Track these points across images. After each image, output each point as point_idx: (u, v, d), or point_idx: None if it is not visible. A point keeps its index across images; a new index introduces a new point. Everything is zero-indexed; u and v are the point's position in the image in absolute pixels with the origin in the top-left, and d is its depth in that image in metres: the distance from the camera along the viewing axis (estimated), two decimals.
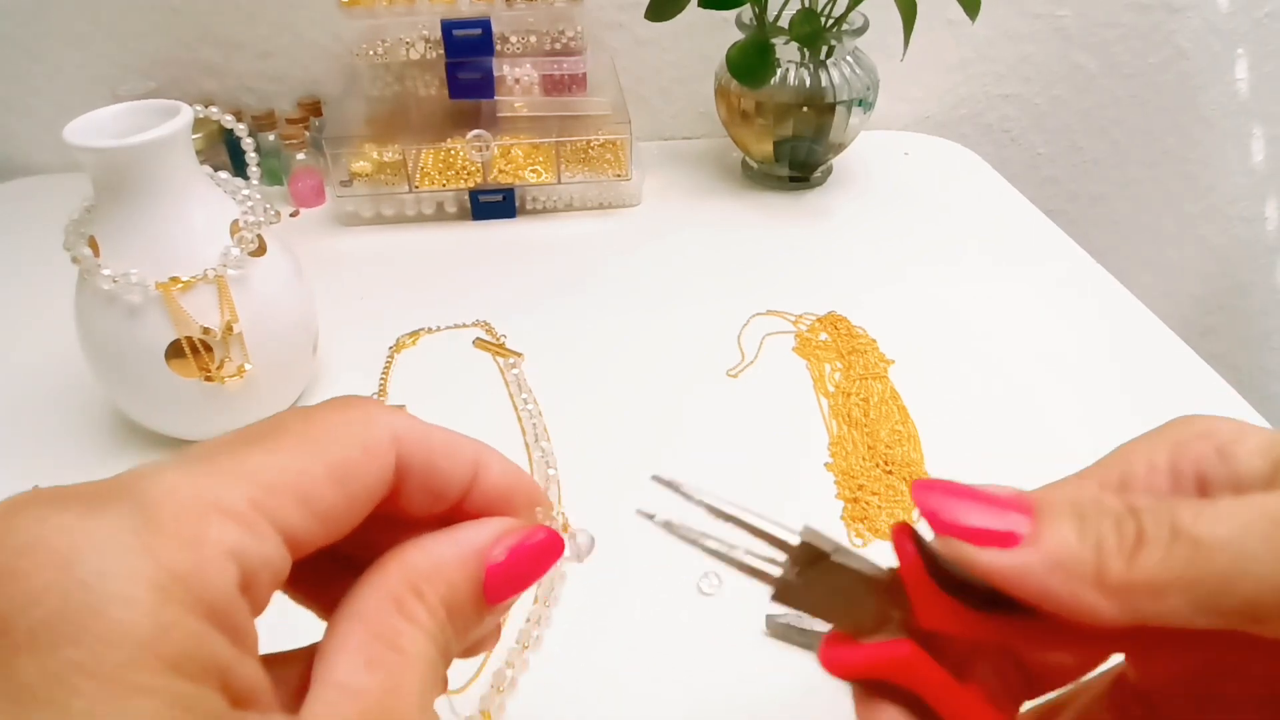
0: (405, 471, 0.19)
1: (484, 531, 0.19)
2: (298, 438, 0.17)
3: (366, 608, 0.17)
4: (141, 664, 0.13)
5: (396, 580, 0.18)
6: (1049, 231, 0.66)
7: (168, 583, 0.13)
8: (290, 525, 0.16)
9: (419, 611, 0.17)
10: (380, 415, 0.19)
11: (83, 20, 0.71)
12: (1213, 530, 0.15)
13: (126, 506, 0.14)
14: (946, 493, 0.17)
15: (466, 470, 0.20)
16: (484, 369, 0.52)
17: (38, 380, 0.50)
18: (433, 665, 0.17)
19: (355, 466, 0.17)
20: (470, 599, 0.19)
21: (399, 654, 0.17)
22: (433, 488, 0.19)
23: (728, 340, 0.54)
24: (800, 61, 0.65)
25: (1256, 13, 0.81)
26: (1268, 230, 0.94)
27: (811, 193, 0.71)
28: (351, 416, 0.18)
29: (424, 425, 0.19)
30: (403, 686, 0.16)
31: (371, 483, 0.18)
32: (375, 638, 0.17)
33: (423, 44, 0.63)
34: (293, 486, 0.16)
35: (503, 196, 0.66)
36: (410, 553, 0.18)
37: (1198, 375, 0.51)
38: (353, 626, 0.17)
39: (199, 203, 0.41)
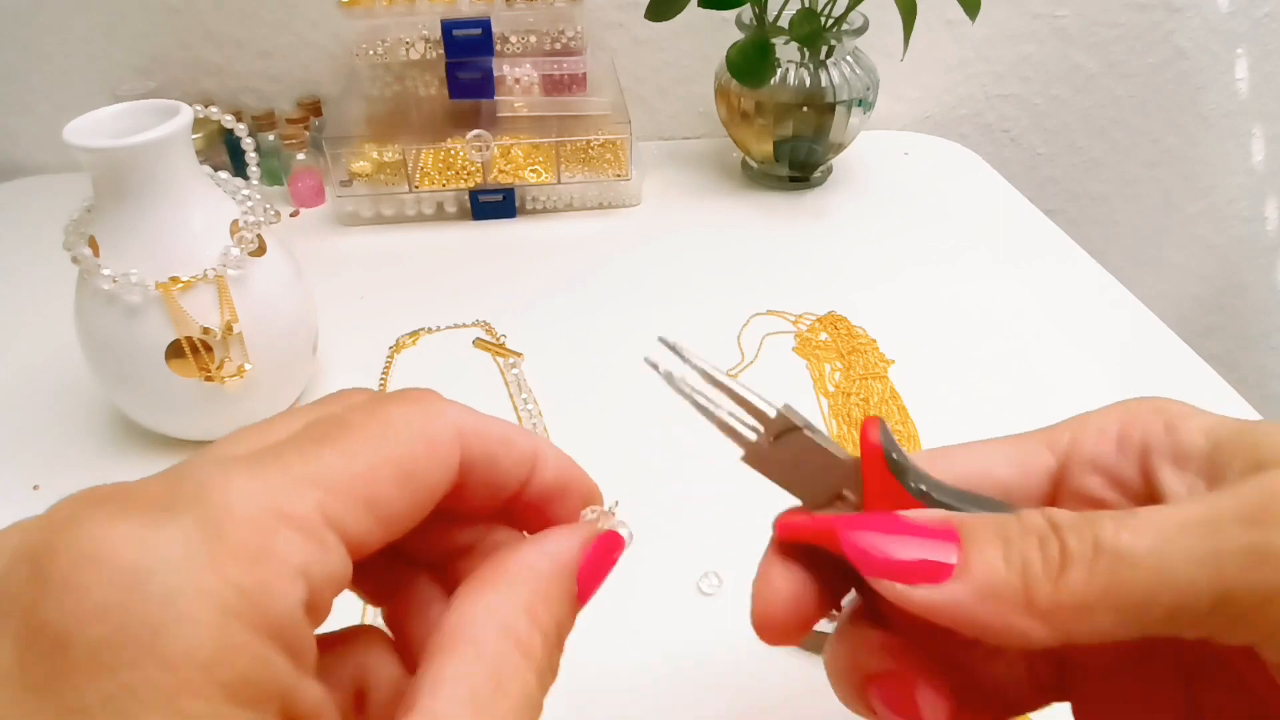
0: (469, 467, 0.18)
1: (572, 543, 0.19)
2: (364, 436, 0.16)
3: (483, 636, 0.16)
4: (200, 690, 0.12)
5: (511, 606, 0.17)
6: (1048, 231, 0.66)
7: (234, 602, 0.13)
8: (355, 531, 0.15)
9: (535, 643, 0.17)
10: (444, 411, 0.18)
11: (83, 20, 0.71)
12: (1134, 543, 0.15)
13: (194, 516, 0.13)
14: (874, 528, 0.18)
15: (525, 464, 0.20)
16: (484, 369, 0.52)
17: (38, 380, 0.50)
18: (532, 705, 0.16)
19: (420, 464, 0.17)
20: (570, 616, 0.18)
21: (505, 698, 0.16)
22: (493, 482, 0.19)
23: (728, 340, 0.54)
24: (800, 61, 0.65)
25: (1256, 13, 0.81)
26: (1268, 230, 0.95)
27: (811, 193, 0.71)
28: (414, 411, 0.18)
29: (483, 418, 0.19)
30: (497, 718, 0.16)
31: (435, 480, 0.17)
32: (487, 675, 0.16)
33: (422, 44, 0.63)
34: (360, 491, 0.16)
35: (503, 196, 0.66)
36: (514, 568, 0.18)
37: (1197, 375, 0.51)
38: (465, 653, 0.16)
39: (199, 203, 0.41)
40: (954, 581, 0.16)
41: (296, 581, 0.14)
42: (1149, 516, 0.16)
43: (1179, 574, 0.15)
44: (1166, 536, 0.15)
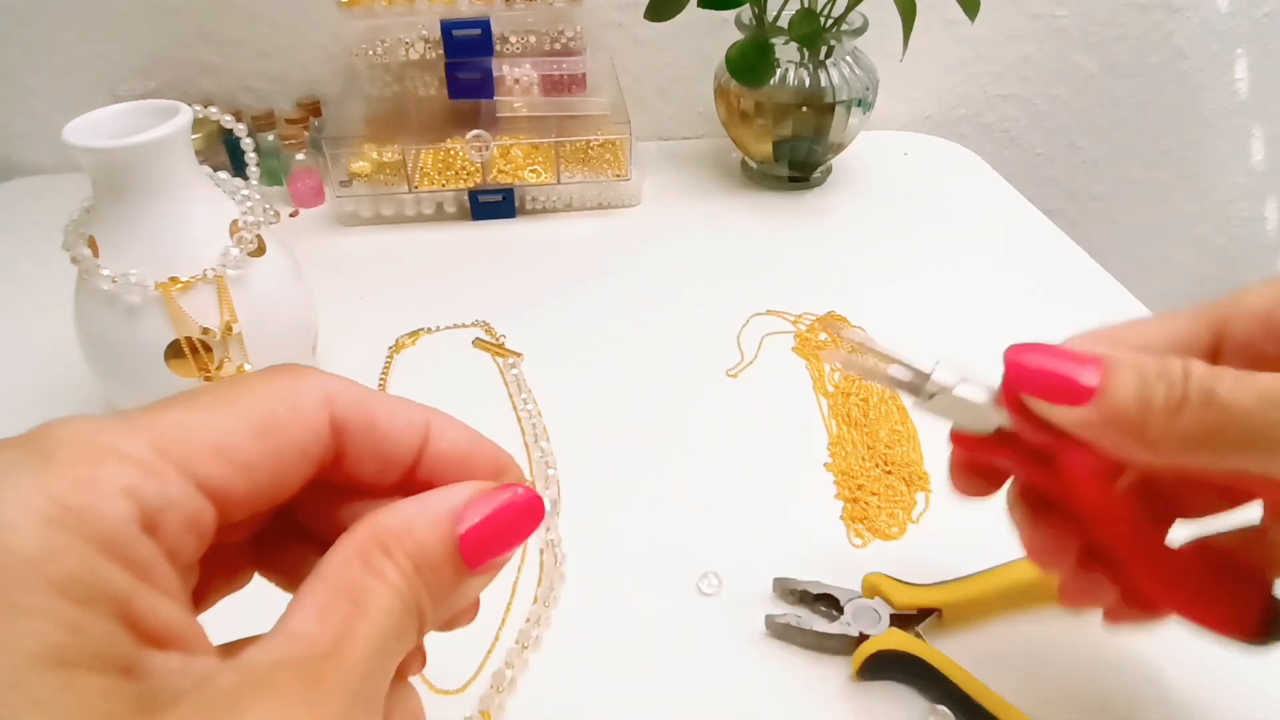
0: (343, 432, 0.19)
1: (455, 494, 0.19)
2: (217, 397, 0.17)
3: (330, 565, 0.17)
4: (28, 586, 0.13)
5: (363, 538, 0.18)
6: (1048, 231, 0.66)
7: (58, 513, 0.14)
8: (208, 475, 0.16)
9: (385, 567, 0.17)
10: (310, 377, 0.19)
11: (83, 20, 0.71)
12: (1240, 399, 0.19)
13: (26, 447, 0.15)
14: (1034, 350, 0.22)
15: (414, 434, 0.20)
16: (484, 369, 0.52)
17: (37, 380, 0.50)
18: (395, 620, 0.17)
19: (279, 422, 0.18)
20: (445, 560, 0.18)
21: (355, 606, 0.16)
22: (378, 452, 0.19)
23: (727, 340, 0.54)
24: (800, 61, 0.65)
25: (1256, 13, 0.81)
26: (1267, 230, 0.95)
27: (811, 193, 0.71)
28: (278, 379, 0.18)
29: (364, 389, 0.20)
30: (354, 636, 0.16)
31: (301, 439, 0.18)
32: (333, 591, 0.17)
33: (422, 44, 0.63)
34: (208, 439, 0.16)
35: (502, 196, 0.66)
36: (379, 514, 0.18)
37: None
38: (314, 583, 0.17)
39: (198, 203, 0.41)
40: (1088, 407, 0.20)
41: (122, 500, 0.15)
42: (1257, 380, 0.19)
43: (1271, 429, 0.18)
44: (1265, 396, 0.18)
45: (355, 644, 0.16)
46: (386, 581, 0.17)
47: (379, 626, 0.16)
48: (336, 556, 0.17)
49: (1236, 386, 0.19)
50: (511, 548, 0.20)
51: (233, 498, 0.17)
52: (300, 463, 0.18)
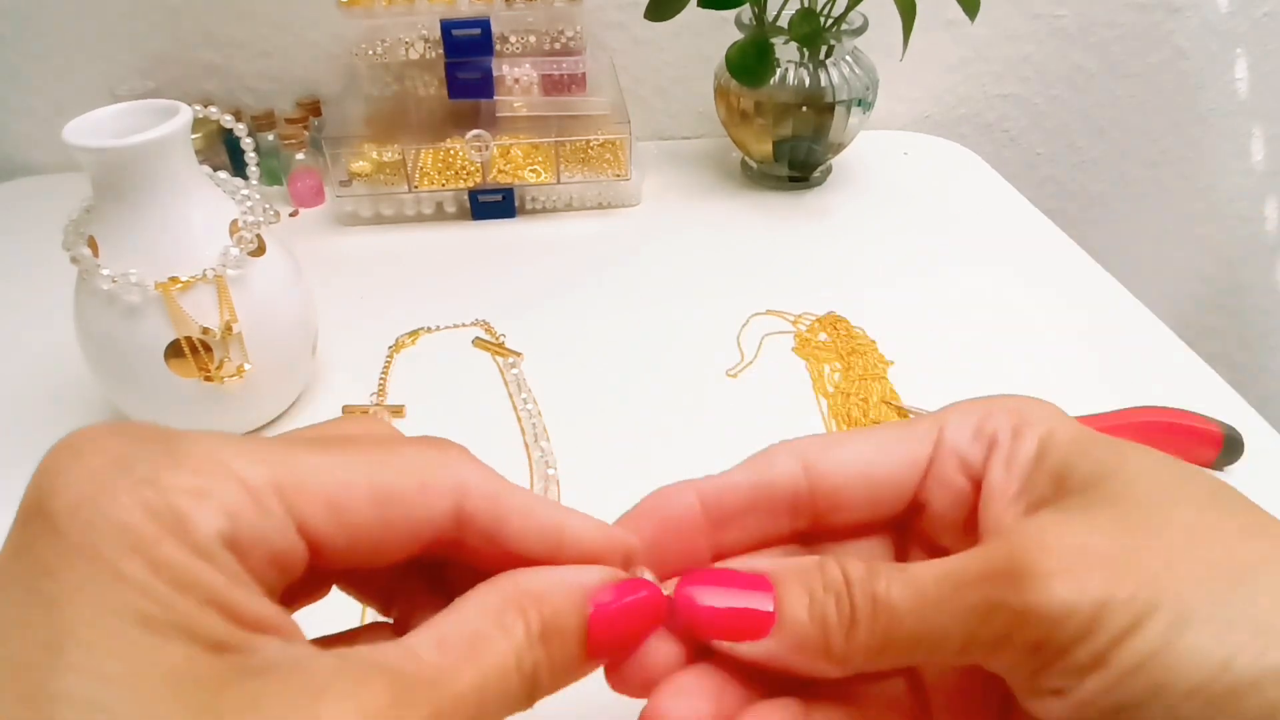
0: (469, 525, 0.19)
1: (592, 573, 0.20)
2: (355, 452, 0.18)
3: (468, 605, 0.18)
4: (129, 560, 0.14)
5: (502, 592, 0.18)
6: (1048, 231, 0.66)
7: (161, 508, 0.15)
8: (312, 523, 0.17)
9: (515, 625, 0.18)
10: (455, 460, 0.19)
11: (83, 20, 0.71)
12: (900, 599, 0.19)
13: (163, 446, 0.16)
14: (705, 587, 0.20)
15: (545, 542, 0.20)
16: (484, 369, 0.52)
17: (37, 380, 0.50)
18: (505, 678, 0.17)
19: (402, 497, 0.18)
20: (572, 635, 0.19)
21: (473, 649, 0.17)
22: (498, 547, 0.19)
23: (727, 340, 0.54)
24: (800, 61, 0.65)
25: (1255, 13, 0.81)
26: (1268, 230, 0.95)
27: (811, 193, 0.71)
28: (422, 451, 0.19)
29: (502, 483, 0.19)
30: (460, 674, 0.16)
31: (419, 519, 0.18)
32: (461, 629, 0.17)
33: (422, 44, 0.63)
34: (325, 490, 0.17)
35: (502, 196, 0.66)
36: (520, 573, 0.19)
37: (1197, 375, 0.51)
38: (448, 616, 0.17)
39: (198, 203, 0.41)
40: (771, 639, 0.20)
41: (217, 516, 0.15)
42: (914, 573, 0.19)
43: (933, 625, 0.18)
44: (923, 592, 0.19)
45: (457, 678, 0.16)
46: (511, 638, 0.18)
47: (487, 676, 0.17)
48: (475, 600, 0.18)
49: (894, 589, 0.19)
50: (636, 642, 0.20)
51: (331, 550, 0.17)
52: (411, 539, 0.18)
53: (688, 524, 0.22)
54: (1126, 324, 0.56)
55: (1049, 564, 0.17)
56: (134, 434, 0.16)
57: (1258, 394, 0.51)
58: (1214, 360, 0.52)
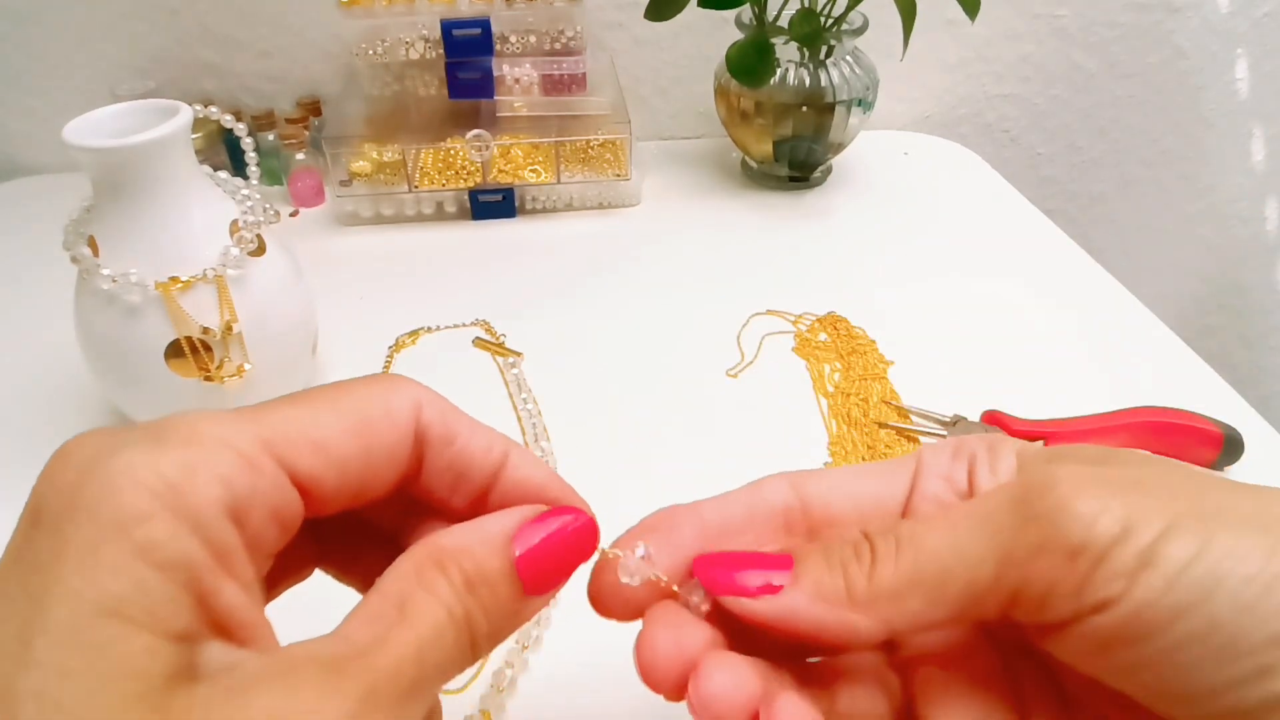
0: (426, 440, 0.20)
1: (510, 516, 0.20)
2: (321, 396, 0.19)
3: (387, 578, 0.18)
4: (113, 542, 0.15)
5: (421, 555, 0.18)
6: (1048, 231, 0.66)
7: (159, 486, 0.15)
8: (303, 468, 0.17)
9: (437, 581, 0.18)
10: (404, 385, 0.20)
11: (82, 20, 0.71)
12: (927, 534, 0.19)
13: (148, 429, 0.16)
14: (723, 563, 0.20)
15: (490, 458, 0.21)
16: (484, 368, 0.52)
17: (37, 380, 0.50)
18: (438, 631, 0.17)
19: (373, 423, 0.19)
20: (501, 580, 0.19)
21: (399, 613, 0.17)
22: (456, 466, 0.20)
23: (727, 340, 0.54)
24: (800, 61, 0.65)
25: (1256, 13, 0.81)
26: (1268, 230, 0.95)
27: (811, 193, 0.71)
28: (376, 384, 0.20)
29: (450, 405, 0.21)
30: (390, 641, 0.17)
31: (390, 441, 0.19)
32: (384, 600, 0.18)
33: (422, 44, 0.63)
34: (307, 433, 0.18)
35: (502, 196, 0.66)
36: (438, 534, 0.19)
37: (1197, 375, 0.51)
38: (370, 594, 0.18)
39: (198, 203, 0.41)
40: (788, 590, 0.19)
41: (215, 485, 0.16)
42: (939, 514, 0.19)
43: (964, 549, 0.18)
44: (953, 525, 0.19)
45: (388, 647, 0.17)
46: (436, 594, 0.18)
47: (419, 634, 0.17)
48: (394, 570, 0.18)
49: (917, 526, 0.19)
50: (567, 574, 0.20)
51: (323, 492, 0.18)
52: (387, 466, 0.19)
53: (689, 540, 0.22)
54: (1126, 324, 0.56)
55: (1068, 486, 0.18)
56: (119, 428, 0.17)
57: (1258, 394, 0.51)
58: (1214, 360, 0.52)
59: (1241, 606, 0.16)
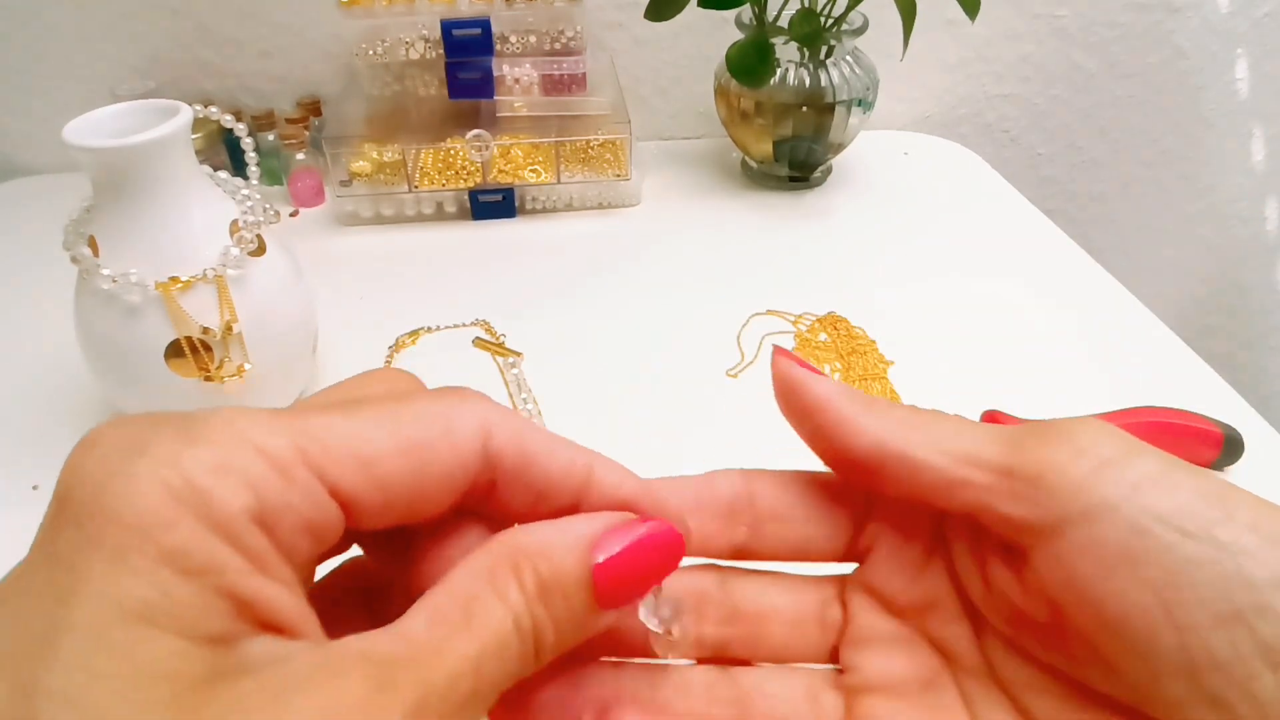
0: (498, 465, 0.18)
1: (595, 521, 0.19)
2: (373, 408, 0.17)
3: (458, 574, 0.17)
4: (141, 549, 0.14)
5: (496, 553, 0.17)
6: (1048, 231, 0.66)
7: (185, 490, 0.15)
8: (345, 485, 0.16)
9: (509, 586, 0.17)
10: (471, 404, 0.19)
11: (82, 20, 0.71)
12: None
13: (179, 424, 0.16)
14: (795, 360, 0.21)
15: (573, 478, 0.19)
16: (484, 368, 0.52)
17: (37, 380, 0.50)
18: (503, 643, 0.17)
19: (429, 443, 0.17)
20: (576, 589, 0.18)
21: (464, 617, 0.16)
22: (533, 491, 0.19)
23: (727, 340, 0.54)
24: (800, 61, 0.65)
25: (1256, 13, 0.81)
26: (1268, 230, 0.95)
27: (811, 193, 0.71)
28: (440, 400, 0.18)
29: (525, 424, 0.19)
30: (449, 646, 0.16)
31: (449, 465, 0.18)
32: (451, 599, 0.17)
33: (422, 44, 0.63)
34: (351, 447, 0.17)
35: (502, 196, 0.66)
36: (516, 531, 0.18)
37: (1197, 375, 0.51)
38: (438, 590, 0.17)
39: (198, 203, 0.41)
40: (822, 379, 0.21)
41: (242, 491, 0.15)
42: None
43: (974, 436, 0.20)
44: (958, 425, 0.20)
45: (447, 655, 0.16)
46: (506, 600, 0.17)
47: (482, 644, 0.16)
48: (467, 567, 0.17)
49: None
50: (645, 588, 0.19)
51: (365, 508, 0.17)
52: (445, 488, 0.18)
53: None
54: (1127, 324, 0.56)
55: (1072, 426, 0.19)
56: (150, 419, 0.16)
57: (1258, 394, 0.51)
58: (1214, 360, 0.52)
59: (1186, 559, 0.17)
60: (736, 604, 0.22)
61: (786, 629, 0.22)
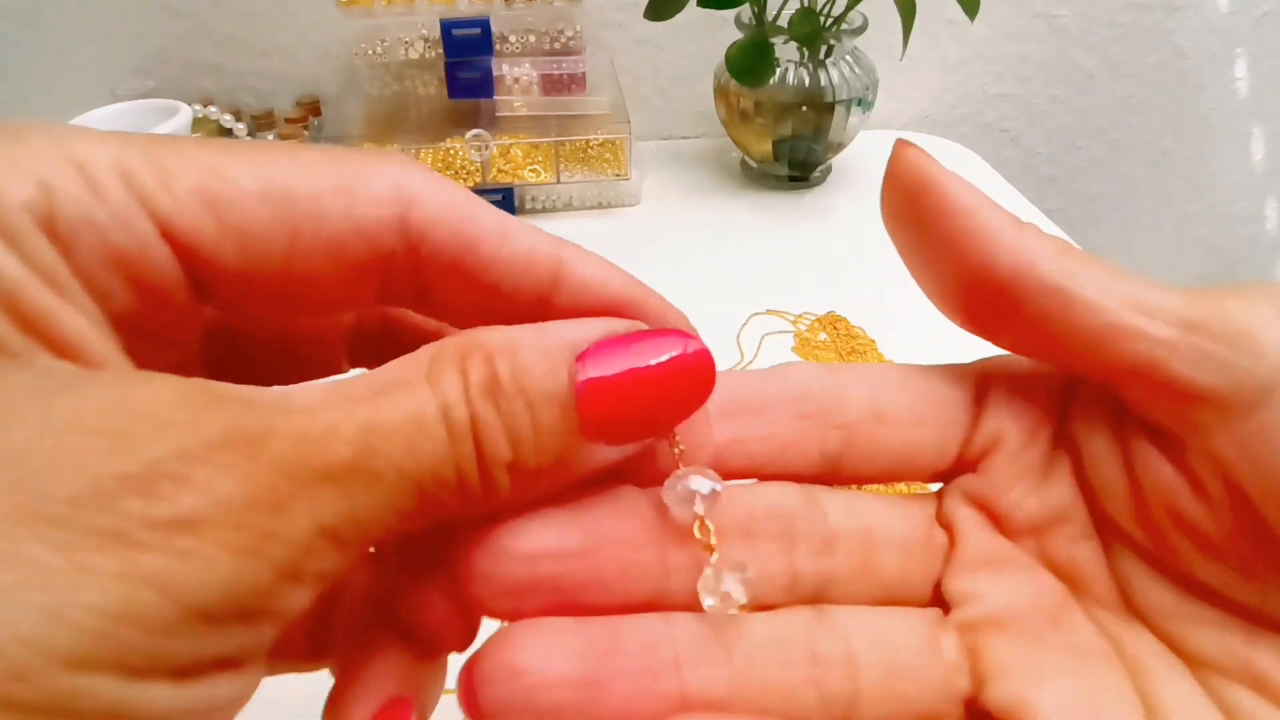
0: (424, 247, 0.14)
1: (589, 326, 0.14)
2: (251, 148, 0.14)
3: (389, 365, 0.14)
4: None
5: (443, 344, 0.14)
6: (1048, 231, 0.66)
7: None
8: (181, 223, 0.13)
9: (446, 374, 0.13)
10: (393, 163, 0.14)
11: (82, 20, 0.71)
12: None
13: (4, 126, 0.13)
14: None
15: (536, 267, 0.15)
16: None
17: None
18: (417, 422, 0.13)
19: (315, 198, 0.13)
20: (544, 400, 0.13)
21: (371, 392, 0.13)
22: (481, 286, 0.15)
23: (727, 340, 0.54)
24: (799, 61, 0.65)
25: (1256, 12, 0.81)
26: (1268, 230, 0.95)
27: (811, 192, 0.71)
28: (348, 154, 0.14)
29: (466, 196, 0.15)
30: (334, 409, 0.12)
31: (342, 233, 0.14)
32: (369, 378, 0.13)
33: (422, 44, 0.63)
34: (199, 182, 0.13)
35: (502, 196, 0.66)
36: (483, 329, 0.14)
37: None
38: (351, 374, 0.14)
39: None
40: None
41: (29, 187, 0.12)
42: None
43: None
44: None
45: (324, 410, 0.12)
46: (436, 385, 0.13)
47: (381, 413, 0.12)
48: (406, 357, 0.14)
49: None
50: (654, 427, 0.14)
51: (215, 264, 0.13)
52: (339, 266, 0.14)
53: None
54: None
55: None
56: None
57: None
58: None
59: None
60: (833, 527, 0.17)
61: (898, 557, 0.17)
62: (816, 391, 0.17)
